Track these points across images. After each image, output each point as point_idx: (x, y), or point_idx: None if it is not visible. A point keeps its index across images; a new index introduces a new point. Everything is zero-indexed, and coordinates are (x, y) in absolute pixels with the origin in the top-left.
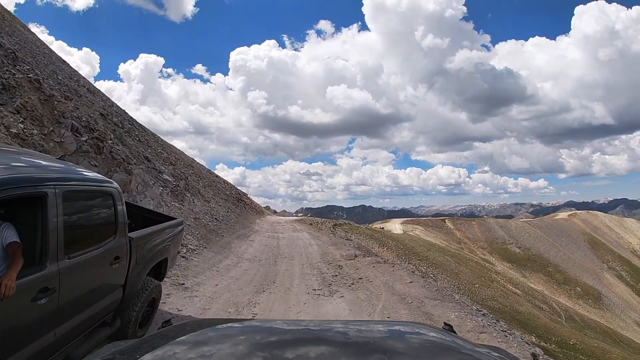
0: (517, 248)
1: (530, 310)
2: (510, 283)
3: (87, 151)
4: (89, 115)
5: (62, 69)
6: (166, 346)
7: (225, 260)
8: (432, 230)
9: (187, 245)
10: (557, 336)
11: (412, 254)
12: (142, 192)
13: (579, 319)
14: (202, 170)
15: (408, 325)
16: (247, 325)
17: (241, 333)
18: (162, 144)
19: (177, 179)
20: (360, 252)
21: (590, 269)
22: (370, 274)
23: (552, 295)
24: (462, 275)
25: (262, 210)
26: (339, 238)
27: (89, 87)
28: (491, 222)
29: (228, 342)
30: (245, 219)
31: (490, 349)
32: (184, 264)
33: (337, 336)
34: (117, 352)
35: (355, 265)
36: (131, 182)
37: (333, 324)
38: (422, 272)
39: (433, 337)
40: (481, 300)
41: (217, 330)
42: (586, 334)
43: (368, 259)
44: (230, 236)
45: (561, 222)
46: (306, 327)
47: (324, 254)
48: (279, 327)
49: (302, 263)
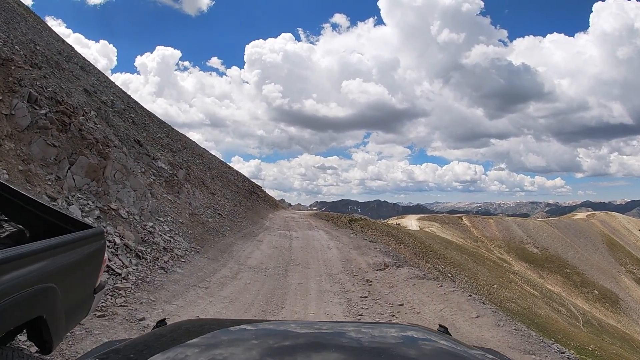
0: (535, 248)
1: (548, 313)
2: (528, 284)
3: (46, 127)
4: (61, 87)
5: (49, 42)
6: (177, 347)
7: (222, 269)
8: (449, 227)
9: (173, 251)
10: (575, 341)
11: (429, 252)
12: (120, 181)
13: (597, 324)
14: (213, 160)
15: (406, 328)
16: (260, 328)
17: (254, 337)
18: (167, 131)
19: (176, 168)
20: (391, 259)
21: (608, 272)
22: (414, 297)
23: (569, 297)
24: (480, 276)
25: (277, 203)
26: (362, 239)
27: (85, 67)
28: (509, 221)
29: (241, 346)
30: (255, 214)
31: (485, 352)
32: (159, 279)
33: (350, 342)
34: (111, 351)
35: (388, 280)
36: (106, 168)
37: (346, 326)
38: (482, 296)
39: (444, 344)
40: (499, 302)
41: (230, 333)
42: (604, 340)
43: (404, 271)
44: (234, 235)
45: (579, 222)
46: (319, 331)
47: (345, 260)
48: (292, 331)
49: (319, 274)
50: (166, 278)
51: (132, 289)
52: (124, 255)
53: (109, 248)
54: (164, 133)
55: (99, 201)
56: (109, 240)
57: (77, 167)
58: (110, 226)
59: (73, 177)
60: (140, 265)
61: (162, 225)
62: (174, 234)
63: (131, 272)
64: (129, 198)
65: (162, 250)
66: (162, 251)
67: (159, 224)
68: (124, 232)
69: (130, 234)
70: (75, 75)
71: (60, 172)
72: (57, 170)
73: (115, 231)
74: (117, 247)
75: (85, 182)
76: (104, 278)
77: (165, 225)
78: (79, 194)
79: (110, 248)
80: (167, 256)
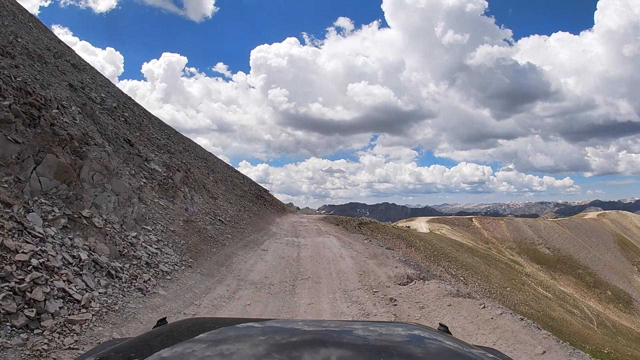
0: (547, 249)
1: (562, 315)
2: (541, 286)
3: (8, 120)
4: (36, 78)
5: (38, 39)
6: (185, 343)
7: (217, 287)
8: (459, 229)
9: (158, 266)
10: (591, 344)
11: (441, 255)
12: (100, 184)
13: (611, 325)
14: (218, 164)
15: (408, 327)
16: (267, 325)
17: (261, 333)
18: (168, 134)
19: (172, 170)
20: (413, 270)
21: (620, 272)
22: (454, 322)
23: (582, 298)
24: (493, 278)
25: (284, 207)
26: (377, 246)
27: (79, 65)
28: (519, 222)
29: (248, 342)
30: (261, 219)
31: (486, 350)
32: (132, 305)
33: (356, 340)
34: (112, 350)
35: (415, 298)
36: (82, 168)
37: (354, 324)
38: (528, 316)
39: (445, 343)
40: (514, 305)
41: (237, 329)
42: (619, 342)
43: (432, 286)
44: (236, 245)
45: (590, 222)
46: (327, 329)
47: (362, 273)
48: (299, 328)
49: (332, 290)
50: (142, 303)
51: (91, 321)
52: (90, 274)
53: (71, 266)
54: (164, 135)
55: (68, 207)
56: (72, 256)
57: (44, 167)
58: (79, 237)
59: (39, 179)
60: (112, 287)
61: (148, 235)
62: (162, 245)
63: (96, 297)
64: (109, 204)
65: (143, 266)
66: (144, 267)
67: (144, 233)
68: (95, 245)
69: (105, 246)
70: (61, 70)
71: (23, 172)
72: (19, 170)
73: (84, 244)
74: (82, 264)
75: (54, 185)
76: (56, 307)
77: (153, 234)
78: (44, 198)
79: (73, 266)
80: (150, 273)
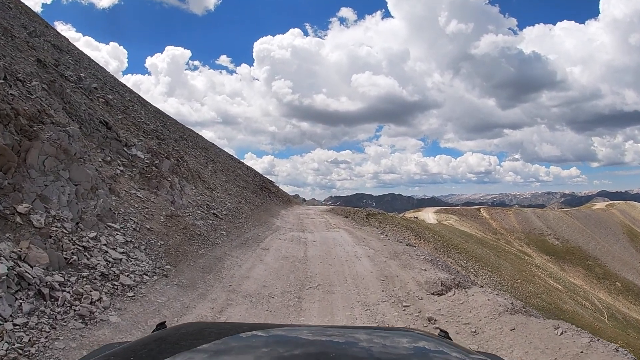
0: (556, 240)
1: (573, 308)
2: (551, 278)
3: None
4: None
5: (14, 16)
6: (186, 353)
7: (198, 305)
8: (467, 219)
9: (118, 278)
10: (603, 338)
11: (450, 247)
12: (54, 172)
13: (622, 317)
14: (220, 155)
15: (412, 335)
16: (271, 334)
17: (264, 344)
18: (163, 121)
19: (159, 157)
20: (446, 273)
21: (630, 263)
22: (525, 357)
23: (592, 290)
24: (503, 270)
25: (290, 199)
26: (396, 242)
27: (61, 47)
28: (528, 212)
29: (250, 354)
30: (265, 212)
31: (487, 356)
32: (62, 344)
33: (360, 352)
34: (111, 354)
35: (462, 318)
36: (29, 151)
37: (358, 332)
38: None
39: (446, 350)
40: (525, 297)
41: (240, 339)
42: (630, 335)
43: (480, 299)
44: (231, 243)
45: (599, 212)
46: (330, 338)
47: (384, 278)
48: (303, 338)
49: (350, 304)
50: (78, 340)
51: None
52: (9, 296)
53: None
54: (158, 122)
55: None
56: None
57: None
58: (8, 241)
59: None
60: (39, 315)
61: (113, 236)
62: (131, 247)
63: (8, 332)
64: (62, 196)
65: (96, 279)
66: (97, 280)
67: (108, 233)
68: (28, 252)
69: (43, 254)
70: (31, 46)
71: None
72: None
73: (12, 251)
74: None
75: None
76: None
77: (121, 234)
78: None
79: None
80: (103, 290)
